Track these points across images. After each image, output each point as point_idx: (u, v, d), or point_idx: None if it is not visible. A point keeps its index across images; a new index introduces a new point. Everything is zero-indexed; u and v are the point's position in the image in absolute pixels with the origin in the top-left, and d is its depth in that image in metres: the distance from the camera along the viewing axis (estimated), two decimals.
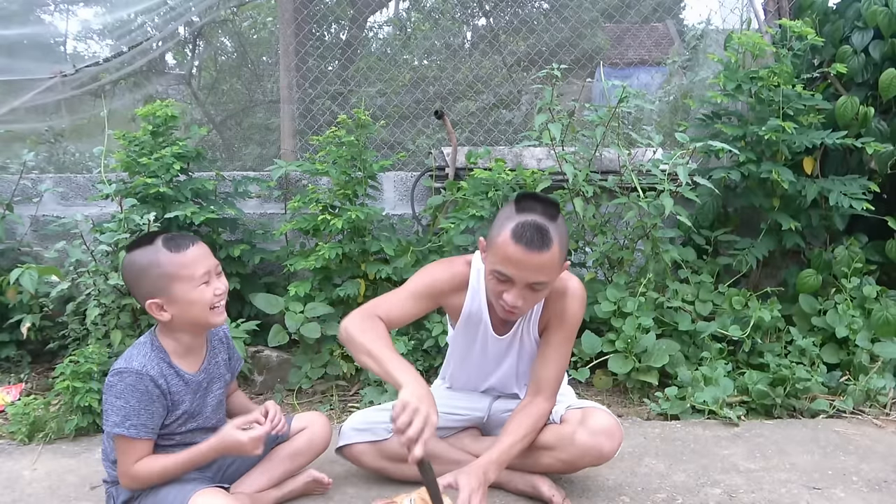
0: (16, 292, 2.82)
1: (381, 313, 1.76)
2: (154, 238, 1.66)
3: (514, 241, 1.62)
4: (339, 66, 5.94)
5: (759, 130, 3.00)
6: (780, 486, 2.01)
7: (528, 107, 5.27)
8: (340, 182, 3.06)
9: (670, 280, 3.02)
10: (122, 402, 1.60)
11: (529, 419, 1.80)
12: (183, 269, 1.63)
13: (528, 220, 1.63)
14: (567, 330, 1.86)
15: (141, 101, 4.64)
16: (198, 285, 1.65)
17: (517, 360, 1.96)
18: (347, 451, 1.98)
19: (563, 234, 1.69)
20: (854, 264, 3.05)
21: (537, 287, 1.67)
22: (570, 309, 1.84)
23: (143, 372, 1.62)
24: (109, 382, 1.63)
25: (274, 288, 3.19)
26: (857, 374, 2.73)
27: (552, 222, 1.65)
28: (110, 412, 1.61)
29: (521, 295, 1.67)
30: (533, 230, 1.62)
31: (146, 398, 1.61)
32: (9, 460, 2.23)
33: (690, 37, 5.08)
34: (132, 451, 1.62)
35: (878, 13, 3.04)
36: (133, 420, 1.60)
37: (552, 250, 1.62)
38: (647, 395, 2.74)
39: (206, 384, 1.76)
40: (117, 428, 1.59)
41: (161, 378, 1.65)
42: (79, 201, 3.60)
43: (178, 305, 1.64)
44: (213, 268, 1.69)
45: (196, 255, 1.66)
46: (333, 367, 2.87)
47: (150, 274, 1.63)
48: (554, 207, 1.68)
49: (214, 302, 1.68)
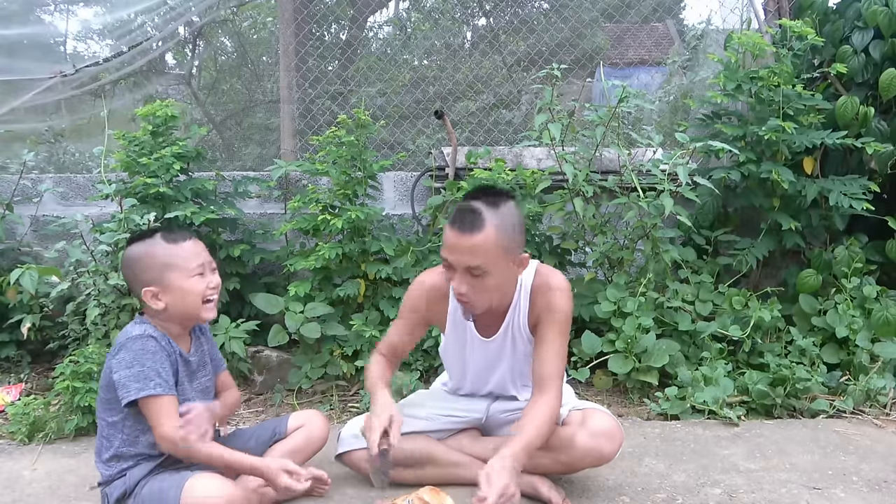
0: (16, 292, 2.82)
1: (386, 347, 1.99)
2: (153, 233, 1.74)
3: (448, 225, 1.70)
4: (339, 66, 5.94)
5: (759, 130, 3.00)
6: (780, 486, 2.01)
7: (528, 107, 5.27)
8: (340, 182, 3.06)
9: (670, 280, 3.02)
10: (137, 368, 1.63)
11: (542, 415, 1.73)
12: (178, 258, 1.70)
13: (465, 204, 1.69)
14: (557, 323, 1.82)
15: (141, 101, 4.64)
16: (192, 275, 1.71)
17: (512, 362, 1.95)
18: (347, 458, 1.98)
19: (507, 220, 1.68)
20: (854, 264, 3.04)
21: (476, 272, 1.68)
22: (556, 302, 1.82)
23: (144, 335, 1.68)
24: (115, 361, 1.66)
25: (274, 288, 3.19)
26: (857, 374, 2.73)
27: (490, 207, 1.67)
28: (128, 383, 1.62)
29: (463, 280, 1.70)
30: (465, 213, 1.66)
31: (157, 357, 1.66)
32: (9, 460, 2.23)
33: (690, 37, 5.09)
34: (165, 409, 1.64)
35: (878, 13, 3.04)
36: (156, 379, 1.63)
37: (484, 233, 1.65)
38: (647, 395, 2.74)
39: (195, 367, 1.81)
40: (143, 391, 1.61)
41: (163, 340, 1.70)
42: (79, 201, 3.60)
43: (173, 294, 1.70)
44: (207, 262, 1.75)
45: (191, 247, 1.73)
46: (333, 367, 2.87)
47: (147, 263, 1.70)
48: (499, 195, 1.71)
49: (208, 295, 1.74)
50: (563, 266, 3.18)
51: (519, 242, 1.75)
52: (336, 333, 2.89)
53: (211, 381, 1.89)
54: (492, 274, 1.70)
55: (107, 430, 1.72)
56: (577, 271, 3.32)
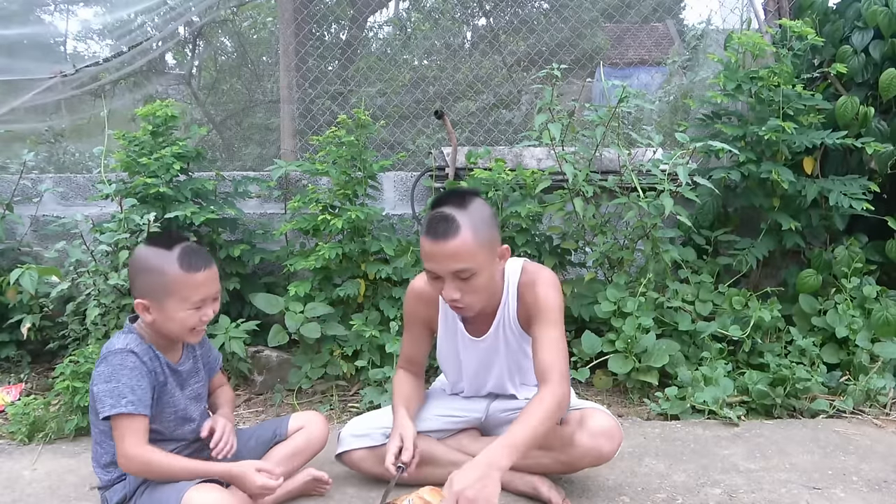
0: (16, 292, 2.82)
1: (403, 360, 2.06)
2: (173, 245, 1.66)
3: (423, 236, 1.70)
4: (339, 66, 5.94)
5: (759, 130, 3.00)
6: (780, 486, 2.01)
7: (528, 107, 5.27)
8: (340, 182, 3.06)
9: (670, 280, 3.02)
10: (113, 384, 1.61)
11: (537, 409, 1.65)
12: (184, 289, 1.64)
13: (435, 212, 1.69)
14: (547, 314, 1.79)
15: (141, 101, 4.64)
16: (188, 308, 1.66)
17: (506, 360, 1.95)
18: (346, 458, 1.98)
19: (477, 218, 1.69)
20: (854, 264, 3.04)
21: (464, 275, 1.68)
22: (543, 294, 1.81)
23: (125, 349, 1.65)
24: (96, 373, 1.65)
25: (274, 288, 3.19)
26: (857, 374, 2.73)
27: (460, 209, 1.68)
28: (103, 398, 1.60)
29: (454, 287, 1.70)
30: (437, 220, 1.67)
31: (136, 374, 1.63)
32: (9, 460, 2.23)
33: (690, 37, 5.09)
34: (132, 429, 1.60)
35: (878, 13, 3.04)
36: (129, 397, 1.60)
37: (461, 236, 1.65)
38: (647, 395, 2.74)
39: (185, 376, 1.79)
40: (114, 409, 1.58)
41: (145, 356, 1.67)
42: (79, 201, 3.60)
43: (163, 315, 1.66)
44: (211, 295, 1.70)
45: (202, 279, 1.66)
46: (333, 367, 2.87)
47: (152, 278, 1.65)
48: (464, 196, 1.72)
49: (197, 326, 1.70)
50: (563, 266, 3.19)
51: (495, 235, 1.76)
52: (336, 333, 2.89)
53: (204, 388, 1.88)
54: (478, 273, 1.70)
55: (99, 437, 1.71)
56: (577, 271, 3.32)
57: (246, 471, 1.67)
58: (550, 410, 1.65)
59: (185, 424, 1.78)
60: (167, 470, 1.62)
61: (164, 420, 1.73)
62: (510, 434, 1.59)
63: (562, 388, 1.71)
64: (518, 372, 1.98)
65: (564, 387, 1.72)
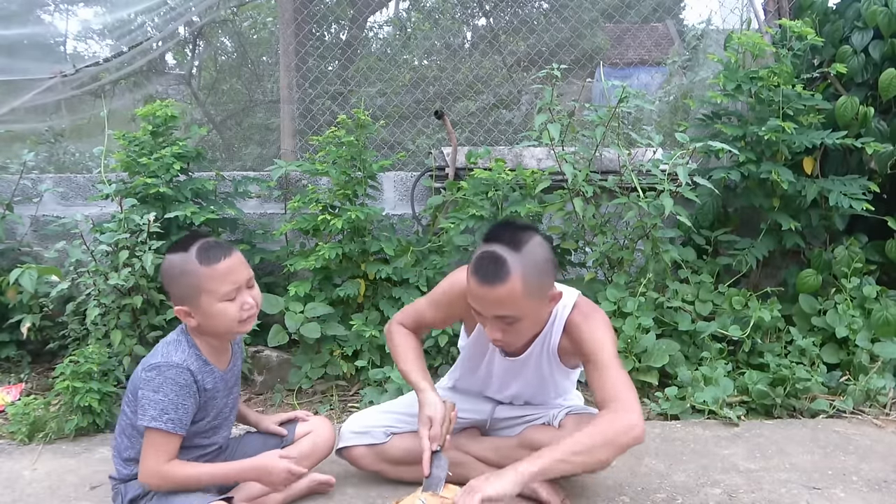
0: (16, 292, 2.82)
1: (411, 320, 1.94)
2: (189, 245, 1.65)
3: (471, 275, 1.59)
4: (339, 66, 5.94)
5: (759, 130, 3.00)
6: (780, 486, 2.01)
7: (528, 107, 5.26)
8: (340, 182, 3.06)
9: (670, 280, 3.02)
10: (161, 395, 1.60)
11: (586, 433, 1.59)
12: (210, 282, 1.62)
13: (486, 251, 1.57)
14: (598, 355, 1.69)
15: (141, 101, 4.64)
16: (221, 300, 1.63)
17: (534, 380, 1.89)
18: (346, 454, 1.98)
19: (530, 263, 1.56)
20: (854, 264, 3.04)
21: (508, 320, 1.60)
22: (598, 331, 1.71)
23: (182, 365, 1.63)
24: (147, 377, 1.63)
25: (274, 288, 3.19)
26: (857, 374, 2.73)
27: (513, 251, 1.56)
28: (147, 406, 1.60)
29: (496, 328, 1.62)
30: (487, 262, 1.55)
31: (184, 392, 1.62)
32: (9, 460, 2.23)
33: (690, 37, 5.08)
34: (165, 446, 1.61)
35: (878, 13, 3.04)
36: (171, 414, 1.60)
37: (510, 283, 1.54)
38: (647, 395, 2.74)
39: (232, 382, 1.79)
40: (155, 422, 1.58)
41: (199, 373, 1.66)
42: (79, 201, 3.60)
43: (204, 316, 1.65)
44: (243, 281, 1.67)
45: (225, 268, 1.63)
46: (333, 367, 2.87)
47: (181, 282, 1.65)
48: (520, 234, 1.59)
49: (242, 316, 1.67)
50: (563, 266, 3.18)
51: (548, 281, 1.64)
52: (336, 333, 2.89)
53: (239, 392, 1.89)
54: (523, 319, 1.62)
55: (129, 430, 1.69)
56: (577, 271, 3.32)
57: (270, 458, 1.68)
58: (606, 433, 1.57)
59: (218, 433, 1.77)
60: (189, 480, 1.62)
61: (201, 427, 1.72)
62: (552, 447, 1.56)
63: (621, 415, 1.60)
64: (541, 393, 1.95)
65: (633, 412, 1.61)
